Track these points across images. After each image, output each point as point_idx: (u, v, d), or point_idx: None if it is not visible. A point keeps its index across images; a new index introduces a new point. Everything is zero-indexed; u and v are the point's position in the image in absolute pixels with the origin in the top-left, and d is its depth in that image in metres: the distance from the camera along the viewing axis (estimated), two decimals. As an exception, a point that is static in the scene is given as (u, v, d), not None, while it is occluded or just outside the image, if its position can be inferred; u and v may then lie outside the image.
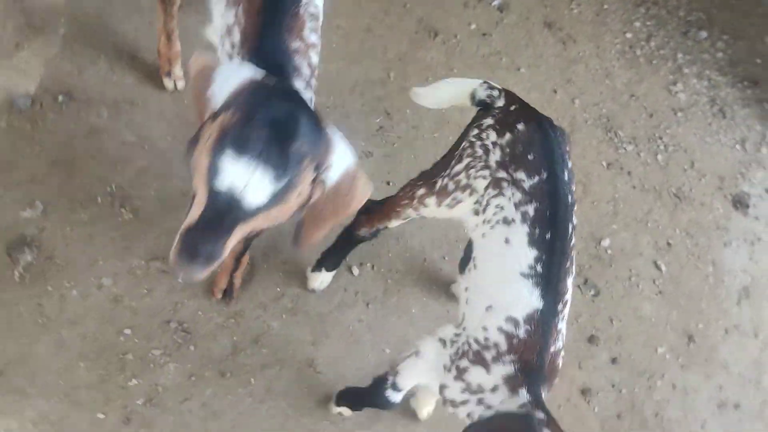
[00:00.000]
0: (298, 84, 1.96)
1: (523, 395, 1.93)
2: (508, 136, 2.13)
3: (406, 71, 3.44)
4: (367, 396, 2.50)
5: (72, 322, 2.61)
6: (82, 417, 2.50)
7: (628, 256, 3.44)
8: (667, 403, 3.23)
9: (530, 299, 1.99)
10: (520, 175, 2.07)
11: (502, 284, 2.05)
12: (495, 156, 2.14)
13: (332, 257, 2.76)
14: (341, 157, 1.71)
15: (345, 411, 2.67)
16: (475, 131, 2.22)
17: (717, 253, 3.60)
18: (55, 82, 2.93)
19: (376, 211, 2.51)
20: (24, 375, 2.51)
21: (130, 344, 2.63)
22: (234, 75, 1.70)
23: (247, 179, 1.56)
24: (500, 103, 2.25)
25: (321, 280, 2.83)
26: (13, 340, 2.54)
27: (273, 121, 1.58)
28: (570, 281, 2.04)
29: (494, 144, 2.15)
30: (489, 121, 2.21)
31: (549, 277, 1.99)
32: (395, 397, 2.35)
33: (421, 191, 2.34)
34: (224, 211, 1.58)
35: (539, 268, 1.99)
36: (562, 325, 2.02)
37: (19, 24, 2.96)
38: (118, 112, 2.95)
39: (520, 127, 2.13)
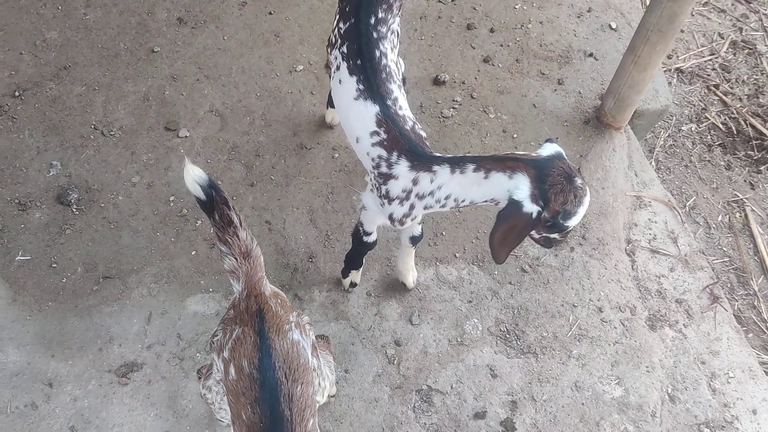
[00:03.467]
0: None
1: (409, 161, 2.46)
2: None
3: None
4: (354, 249, 3.11)
5: (132, 214, 3.43)
6: (181, 262, 3.34)
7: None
8: (542, 25, 4.24)
9: (369, 111, 2.50)
10: (342, 24, 2.64)
11: (349, 116, 2.58)
12: (337, 16, 2.77)
13: None
14: None
15: (354, 276, 3.25)
16: None
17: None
18: (5, 86, 3.69)
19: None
20: (126, 263, 3.32)
21: (180, 203, 3.47)
22: None
23: None
24: None
25: None
26: (104, 248, 3.34)
27: None
28: (393, 86, 2.55)
29: (338, 6, 2.77)
30: None
31: (370, 88, 2.50)
32: (369, 238, 2.97)
33: (327, 44, 2.89)
34: None
35: (361, 86, 2.51)
36: (402, 111, 2.54)
37: (-50, 65, 3.69)
38: (60, 77, 3.73)
39: None
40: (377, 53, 2.56)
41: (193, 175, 2.05)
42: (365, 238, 2.98)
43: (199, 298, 3.25)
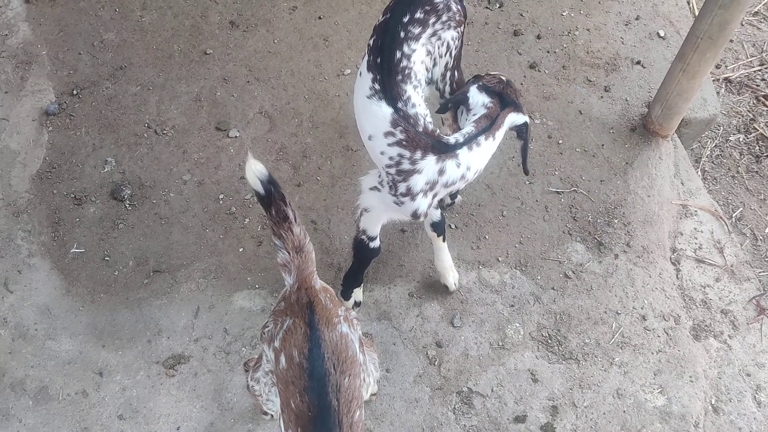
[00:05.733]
0: None
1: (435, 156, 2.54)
2: None
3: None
4: (357, 262, 3.10)
5: (182, 211, 3.52)
6: (228, 259, 3.42)
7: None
8: (589, 33, 4.24)
9: (383, 112, 2.52)
10: (380, 17, 2.64)
11: (362, 113, 2.61)
12: None
13: None
14: None
15: (356, 294, 3.24)
16: None
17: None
18: (64, 85, 3.83)
19: None
20: (176, 258, 3.41)
21: (229, 201, 3.56)
22: None
23: None
24: None
25: None
26: (155, 243, 3.44)
27: None
28: (408, 86, 2.56)
29: None
30: None
31: (384, 89, 2.52)
32: (375, 243, 2.99)
33: None
34: None
35: (376, 86, 2.53)
36: (414, 110, 2.57)
37: (13, 64, 3.84)
38: (116, 77, 3.86)
39: None
40: (398, 54, 2.56)
41: (255, 170, 2.11)
42: (371, 244, 2.98)
43: (245, 294, 3.32)
